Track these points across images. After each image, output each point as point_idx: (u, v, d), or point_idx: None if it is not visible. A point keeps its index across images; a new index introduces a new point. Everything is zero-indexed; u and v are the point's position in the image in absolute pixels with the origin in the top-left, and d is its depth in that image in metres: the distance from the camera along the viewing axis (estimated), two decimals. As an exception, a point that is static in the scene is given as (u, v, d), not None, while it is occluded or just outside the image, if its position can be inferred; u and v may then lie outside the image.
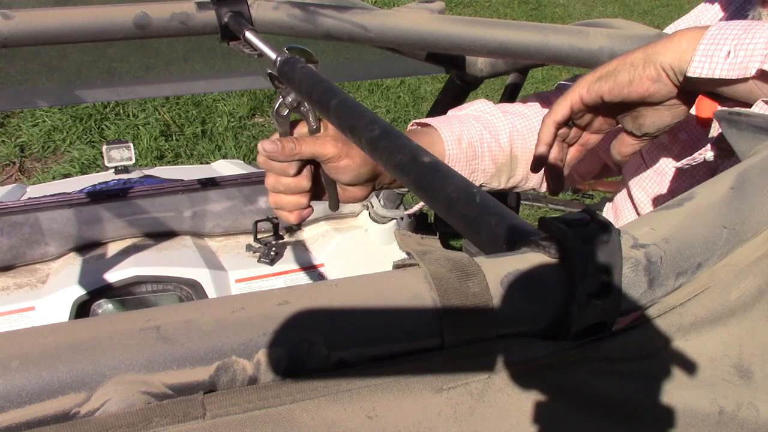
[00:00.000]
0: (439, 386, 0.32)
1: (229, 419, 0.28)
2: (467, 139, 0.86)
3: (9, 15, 0.84)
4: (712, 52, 0.59)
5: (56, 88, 1.54)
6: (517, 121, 0.92)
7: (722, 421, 0.39)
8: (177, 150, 3.77)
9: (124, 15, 0.90)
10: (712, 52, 0.59)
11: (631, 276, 0.36)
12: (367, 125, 0.58)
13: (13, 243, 1.52)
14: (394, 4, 5.08)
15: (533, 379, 0.34)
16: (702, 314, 0.39)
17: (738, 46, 0.58)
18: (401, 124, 4.27)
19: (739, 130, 0.53)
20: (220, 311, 0.31)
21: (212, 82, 1.65)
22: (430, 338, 0.33)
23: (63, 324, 0.30)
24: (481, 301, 0.33)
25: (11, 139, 3.70)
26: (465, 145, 0.86)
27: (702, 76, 0.60)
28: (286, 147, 0.73)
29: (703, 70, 0.59)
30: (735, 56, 0.58)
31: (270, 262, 1.63)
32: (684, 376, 0.38)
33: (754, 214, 0.42)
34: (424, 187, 0.49)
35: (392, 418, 0.31)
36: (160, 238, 1.65)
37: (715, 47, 0.59)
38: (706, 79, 0.60)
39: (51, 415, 0.27)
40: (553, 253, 0.35)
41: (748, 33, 0.58)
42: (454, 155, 0.85)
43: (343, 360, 0.31)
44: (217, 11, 0.92)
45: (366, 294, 0.33)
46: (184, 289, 1.53)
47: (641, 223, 0.40)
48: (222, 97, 4.14)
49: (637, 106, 0.68)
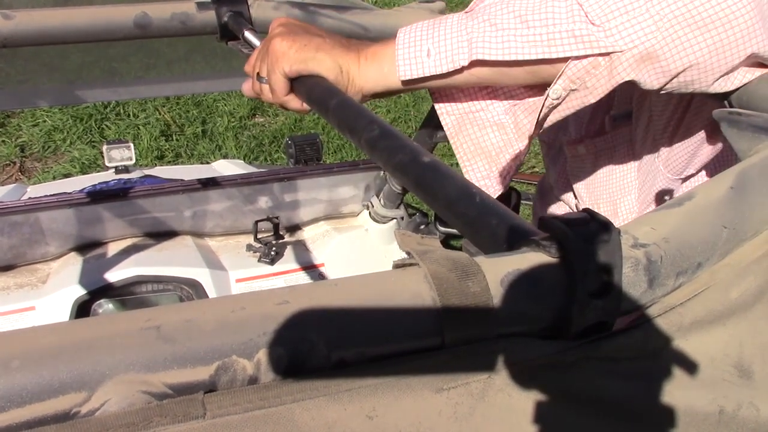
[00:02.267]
0: (440, 386, 0.32)
1: (229, 419, 0.28)
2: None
3: (9, 15, 0.84)
4: (413, 54, 0.64)
5: (57, 88, 1.54)
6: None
7: (722, 421, 0.39)
8: (177, 150, 3.77)
9: (124, 15, 0.90)
10: (413, 55, 0.64)
11: (632, 275, 0.36)
12: (366, 125, 0.58)
13: (13, 243, 1.52)
14: (394, 4, 5.08)
15: (533, 378, 0.34)
16: (702, 314, 0.39)
17: (435, 44, 0.63)
18: (401, 124, 4.27)
19: (739, 129, 0.53)
20: (221, 311, 0.31)
21: (212, 82, 1.65)
22: (430, 338, 0.33)
23: (63, 324, 0.30)
24: (481, 300, 0.33)
25: (11, 139, 3.70)
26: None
27: (415, 77, 0.65)
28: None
29: (413, 72, 0.65)
30: (437, 53, 0.63)
31: (270, 262, 1.63)
32: (684, 376, 0.38)
33: (754, 213, 0.42)
34: (424, 187, 0.49)
35: (392, 418, 0.31)
36: (161, 238, 1.65)
37: (414, 50, 0.64)
38: (419, 77, 0.65)
39: (51, 415, 0.27)
40: (554, 253, 0.35)
41: (436, 30, 0.63)
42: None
43: (343, 359, 0.31)
44: (217, 11, 0.92)
45: (366, 293, 0.33)
46: (185, 289, 1.53)
47: (641, 222, 0.40)
48: (222, 97, 4.14)
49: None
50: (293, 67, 0.69)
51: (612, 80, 0.59)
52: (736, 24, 0.54)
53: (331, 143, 3.74)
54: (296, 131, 3.98)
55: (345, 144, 3.70)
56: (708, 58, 0.56)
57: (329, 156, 3.71)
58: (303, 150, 1.93)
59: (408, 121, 4.28)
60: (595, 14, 0.56)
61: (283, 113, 4.17)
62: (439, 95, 0.74)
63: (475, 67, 0.62)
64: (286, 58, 0.69)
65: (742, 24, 0.54)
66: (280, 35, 0.71)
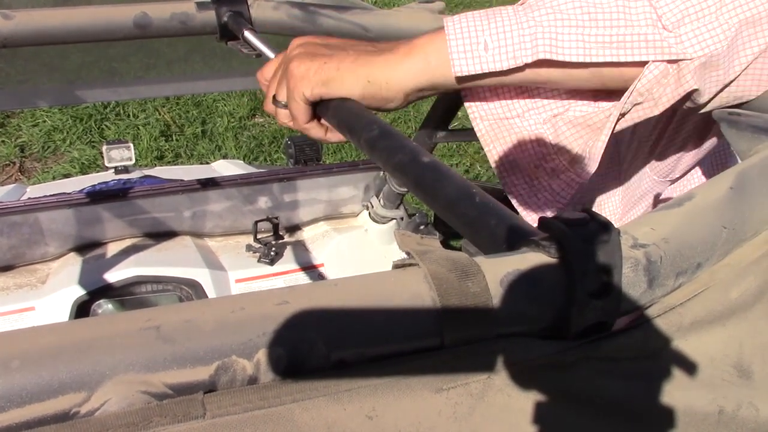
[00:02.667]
0: (439, 386, 0.32)
1: (229, 419, 0.28)
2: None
3: (9, 15, 0.84)
4: (469, 47, 0.58)
5: (56, 88, 1.54)
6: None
7: (722, 421, 0.39)
8: (177, 150, 3.77)
9: (124, 15, 0.90)
10: (468, 48, 0.58)
11: (631, 276, 0.36)
12: (366, 125, 0.58)
13: (12, 243, 1.52)
14: (394, 4, 5.08)
15: (533, 379, 0.34)
16: (702, 314, 0.39)
17: (493, 37, 0.57)
18: (401, 123, 4.27)
19: (738, 130, 0.53)
20: (220, 311, 0.31)
21: (212, 82, 1.65)
22: (429, 338, 0.33)
23: (63, 324, 0.30)
24: (481, 300, 0.33)
25: (11, 139, 3.70)
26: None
27: (472, 73, 0.58)
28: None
29: (469, 68, 0.58)
30: (496, 47, 0.57)
31: (270, 262, 1.63)
32: (684, 376, 0.38)
33: (754, 214, 0.42)
34: (424, 187, 0.49)
35: (392, 418, 0.31)
36: (160, 238, 1.65)
37: (469, 42, 0.58)
38: (476, 74, 0.58)
39: (51, 415, 0.27)
40: (553, 253, 0.35)
41: (493, 21, 0.57)
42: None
43: (342, 360, 0.31)
44: (216, 11, 0.92)
45: (366, 294, 0.33)
46: (184, 289, 1.53)
47: (641, 222, 0.40)
48: (222, 97, 4.14)
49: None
50: (314, 90, 0.64)
51: (678, 90, 0.55)
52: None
53: (331, 143, 3.74)
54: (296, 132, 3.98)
55: (344, 144, 3.70)
56: (762, 64, 0.53)
57: (329, 156, 3.72)
58: (302, 150, 1.93)
59: (408, 121, 4.28)
60: (667, 18, 0.52)
61: (282, 113, 4.16)
62: (472, 96, 0.68)
63: (540, 66, 0.57)
64: (306, 82, 0.64)
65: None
66: (298, 57, 0.65)
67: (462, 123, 4.27)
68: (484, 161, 4.03)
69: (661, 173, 0.84)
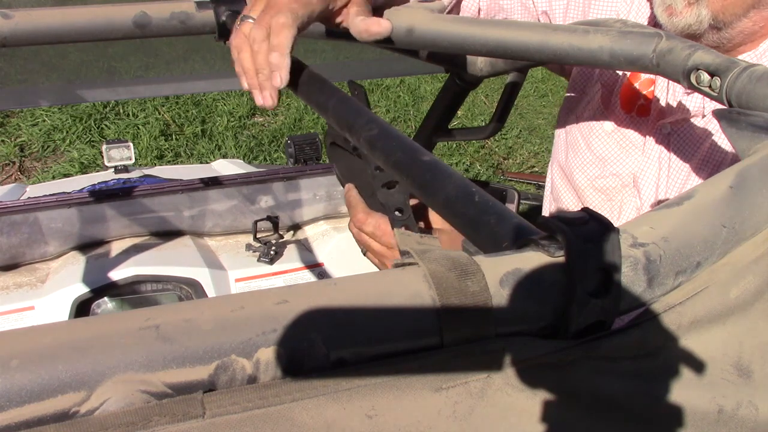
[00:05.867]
0: (439, 385, 0.32)
1: (228, 418, 0.28)
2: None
3: (9, 15, 0.84)
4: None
5: (56, 88, 1.54)
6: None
7: (721, 420, 0.39)
8: (177, 149, 3.77)
9: (124, 15, 0.90)
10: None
11: (631, 275, 0.36)
12: (365, 124, 0.58)
13: (12, 242, 1.52)
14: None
15: (532, 378, 0.34)
16: (701, 313, 0.39)
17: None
18: (401, 123, 4.27)
19: (738, 129, 0.53)
20: (220, 310, 0.31)
21: (212, 82, 1.65)
22: (429, 337, 0.33)
23: (62, 323, 0.30)
24: (480, 300, 0.33)
25: (11, 138, 3.70)
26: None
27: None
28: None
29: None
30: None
31: (270, 262, 1.63)
32: (683, 375, 0.38)
33: (754, 213, 0.42)
34: (423, 186, 0.49)
35: (391, 417, 0.31)
36: (160, 238, 1.65)
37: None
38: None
39: (50, 414, 0.27)
40: (553, 252, 0.35)
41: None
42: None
43: (342, 359, 0.31)
44: (215, 10, 0.92)
45: (365, 293, 0.33)
46: (184, 289, 1.53)
47: (641, 221, 0.40)
48: (222, 96, 4.14)
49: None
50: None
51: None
52: None
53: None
54: (296, 131, 3.98)
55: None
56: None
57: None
58: (302, 149, 1.93)
59: (408, 120, 4.28)
60: None
61: (282, 113, 4.17)
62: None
63: None
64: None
65: None
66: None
67: (462, 123, 4.27)
68: (484, 160, 4.03)
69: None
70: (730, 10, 0.76)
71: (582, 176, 1.04)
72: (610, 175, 0.99)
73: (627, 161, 0.98)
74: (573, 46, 0.79)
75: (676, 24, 0.77)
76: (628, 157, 0.97)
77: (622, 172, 0.98)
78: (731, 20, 0.76)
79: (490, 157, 4.10)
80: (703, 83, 0.63)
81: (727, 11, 0.76)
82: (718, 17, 0.76)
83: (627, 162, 0.98)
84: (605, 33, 0.75)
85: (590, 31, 0.77)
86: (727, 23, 0.77)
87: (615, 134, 0.99)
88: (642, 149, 0.95)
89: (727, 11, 0.76)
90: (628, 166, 0.98)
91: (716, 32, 0.78)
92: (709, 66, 0.62)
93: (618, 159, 0.99)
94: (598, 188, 1.02)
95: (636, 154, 0.96)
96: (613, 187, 1.00)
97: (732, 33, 0.78)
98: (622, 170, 0.98)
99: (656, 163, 0.94)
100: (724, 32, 0.78)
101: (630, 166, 0.97)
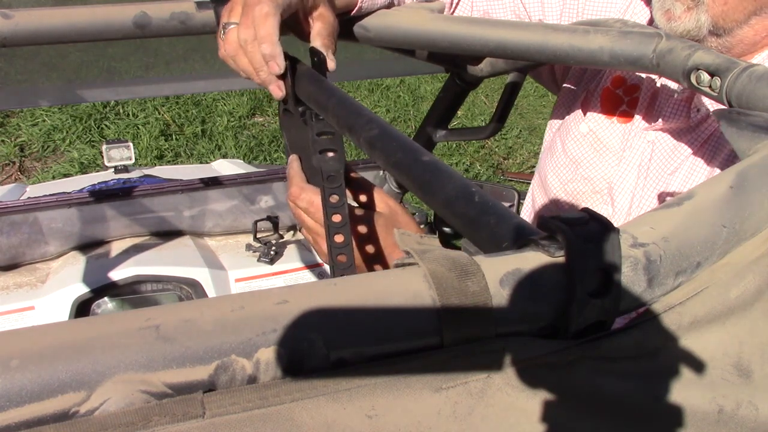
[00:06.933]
0: (439, 385, 0.32)
1: (228, 418, 0.28)
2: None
3: (9, 15, 0.84)
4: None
5: (56, 88, 1.54)
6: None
7: (721, 420, 0.39)
8: (177, 149, 3.77)
9: (124, 15, 0.90)
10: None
11: (631, 275, 0.36)
12: (365, 124, 0.58)
13: (12, 242, 1.52)
14: (393, 4, 5.06)
15: (532, 378, 0.34)
16: (701, 313, 0.39)
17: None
18: (401, 123, 4.27)
19: (738, 129, 0.53)
20: (220, 310, 0.31)
21: (212, 82, 1.65)
22: (429, 337, 0.33)
23: (63, 323, 0.30)
24: (481, 300, 0.33)
25: (11, 138, 3.70)
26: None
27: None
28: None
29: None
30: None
31: (270, 262, 1.63)
32: (683, 375, 0.38)
33: (754, 213, 0.42)
34: (423, 186, 0.49)
35: (391, 417, 0.31)
36: (160, 238, 1.65)
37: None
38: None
39: (50, 414, 0.27)
40: (553, 252, 0.35)
41: None
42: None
43: (342, 359, 0.31)
44: (215, 10, 0.92)
45: (365, 293, 0.33)
46: (184, 289, 1.53)
47: (641, 221, 0.40)
48: (222, 96, 4.14)
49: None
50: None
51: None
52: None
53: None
54: (296, 131, 3.97)
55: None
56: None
57: (329, 155, 3.71)
58: (302, 149, 1.93)
59: (408, 120, 4.28)
60: None
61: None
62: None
63: None
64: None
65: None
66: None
67: (462, 122, 4.27)
68: (484, 160, 4.03)
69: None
70: (730, 16, 0.75)
71: (555, 179, 1.02)
72: (582, 179, 0.97)
73: (600, 166, 0.95)
74: (573, 46, 0.79)
75: (674, 29, 0.76)
76: (602, 162, 0.95)
77: (594, 176, 0.96)
78: (731, 27, 0.75)
79: (490, 157, 4.10)
80: (703, 83, 0.63)
81: (727, 17, 0.75)
82: (718, 23, 0.75)
83: (600, 167, 0.95)
84: (605, 33, 0.75)
85: (590, 32, 0.77)
86: (727, 30, 0.76)
87: (590, 137, 0.97)
88: (620, 156, 0.93)
89: (727, 17, 0.75)
90: (602, 171, 0.95)
91: (716, 39, 0.77)
92: (709, 66, 0.62)
93: (591, 163, 0.96)
94: (568, 192, 1.00)
95: (611, 160, 0.94)
96: (583, 191, 0.98)
97: (732, 41, 0.77)
98: (594, 175, 0.96)
99: (635, 171, 0.91)
100: (724, 39, 0.77)
101: (604, 171, 0.95)
